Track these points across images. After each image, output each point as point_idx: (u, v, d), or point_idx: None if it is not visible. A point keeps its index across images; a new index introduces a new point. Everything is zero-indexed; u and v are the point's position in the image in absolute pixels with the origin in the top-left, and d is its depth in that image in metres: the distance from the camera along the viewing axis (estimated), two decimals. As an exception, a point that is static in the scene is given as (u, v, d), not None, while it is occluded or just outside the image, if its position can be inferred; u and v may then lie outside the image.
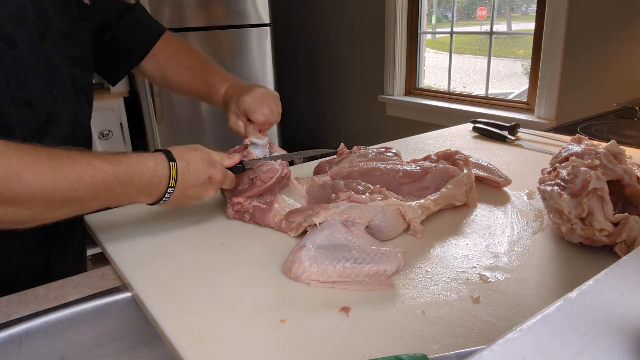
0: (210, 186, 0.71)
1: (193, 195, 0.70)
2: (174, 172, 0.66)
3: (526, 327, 0.34)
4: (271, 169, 0.78)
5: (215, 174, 0.71)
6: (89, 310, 0.63)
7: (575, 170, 0.68)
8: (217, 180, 0.71)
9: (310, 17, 3.49)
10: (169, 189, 0.67)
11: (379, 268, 0.60)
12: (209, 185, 0.71)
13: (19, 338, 0.58)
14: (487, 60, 2.71)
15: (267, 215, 0.77)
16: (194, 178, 0.69)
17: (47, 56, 0.70)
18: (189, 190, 0.69)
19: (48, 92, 0.71)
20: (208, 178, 0.70)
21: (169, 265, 0.67)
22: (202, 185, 0.70)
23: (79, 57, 0.77)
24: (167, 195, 0.67)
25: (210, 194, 0.73)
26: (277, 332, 0.52)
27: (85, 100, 0.81)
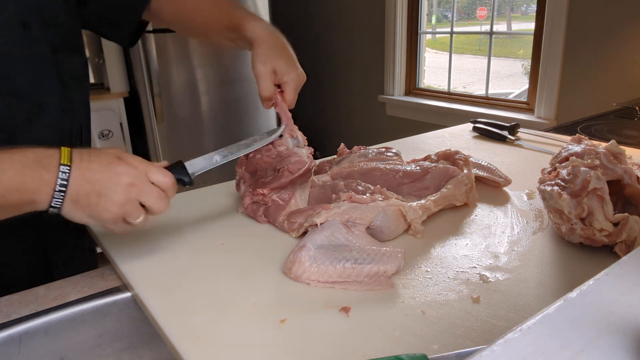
0: (123, 167, 0.56)
1: (100, 180, 0.55)
2: (67, 152, 0.54)
3: (526, 327, 0.34)
4: (300, 160, 0.77)
5: (126, 156, 0.58)
6: (89, 310, 0.63)
7: (575, 170, 0.68)
8: (129, 161, 0.57)
9: (310, 17, 3.49)
10: (62, 168, 0.53)
11: (379, 268, 0.60)
12: (119, 165, 0.56)
13: (19, 338, 0.58)
14: (487, 60, 2.71)
15: (281, 212, 0.76)
16: (96, 158, 0.56)
17: (31, 45, 0.69)
18: (92, 172, 0.54)
19: (34, 81, 0.70)
20: (116, 158, 0.56)
21: (169, 265, 0.67)
22: (109, 165, 0.55)
23: (60, 42, 0.74)
24: (61, 176, 0.53)
25: (126, 179, 0.56)
26: (277, 332, 0.52)
27: (76, 84, 0.78)
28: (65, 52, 0.76)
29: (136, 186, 0.56)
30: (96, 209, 0.55)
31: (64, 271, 0.81)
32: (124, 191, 0.56)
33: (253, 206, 0.79)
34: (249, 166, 0.82)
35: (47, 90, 0.72)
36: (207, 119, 2.88)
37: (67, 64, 0.76)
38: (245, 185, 0.81)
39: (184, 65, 2.70)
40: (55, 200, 0.53)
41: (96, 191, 0.55)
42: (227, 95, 2.87)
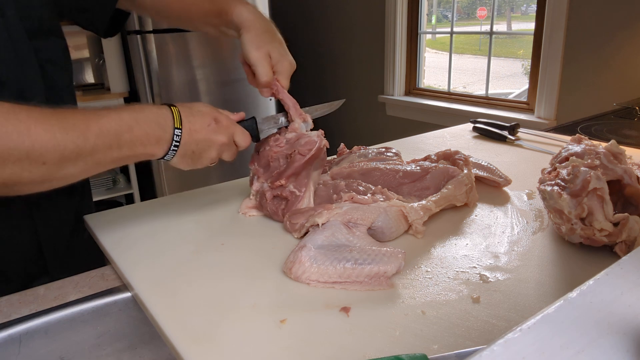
0: (219, 130, 0.69)
1: (203, 140, 0.68)
2: (177, 114, 0.66)
3: (526, 327, 0.34)
4: (309, 140, 0.75)
5: (220, 117, 0.70)
6: (89, 310, 0.63)
7: (575, 170, 0.68)
8: (223, 124, 0.70)
9: (310, 17, 3.49)
10: (176, 131, 0.65)
11: (379, 269, 0.60)
12: (217, 128, 0.69)
13: (19, 338, 0.58)
14: (487, 60, 2.71)
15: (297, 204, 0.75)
16: (199, 121, 0.67)
17: (10, 31, 0.69)
18: (197, 134, 0.67)
19: (16, 68, 0.69)
20: (214, 120, 0.69)
21: (169, 265, 0.67)
22: (209, 127, 0.68)
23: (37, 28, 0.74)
24: (175, 139, 0.65)
25: (221, 139, 0.70)
26: (277, 332, 0.52)
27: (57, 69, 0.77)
28: (42, 37, 0.75)
29: (225, 146, 0.71)
30: (197, 161, 0.70)
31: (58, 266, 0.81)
32: (217, 149, 0.70)
33: (275, 202, 0.77)
34: (261, 160, 0.81)
35: (28, 77, 0.71)
36: (207, 119, 2.87)
37: (46, 50, 0.75)
38: (260, 180, 0.79)
39: (184, 65, 2.70)
40: (169, 155, 0.67)
41: (199, 150, 0.69)
42: (227, 95, 2.87)
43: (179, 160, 0.68)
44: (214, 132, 0.69)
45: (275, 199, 0.77)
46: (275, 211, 0.78)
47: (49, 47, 0.77)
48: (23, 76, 0.71)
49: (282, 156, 0.77)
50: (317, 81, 3.59)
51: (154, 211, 0.85)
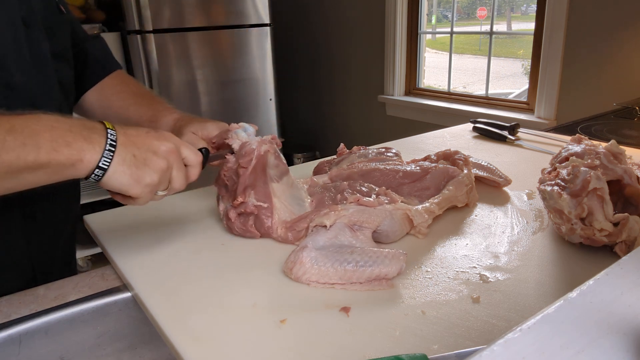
0: (160, 137, 0.59)
1: (143, 144, 0.57)
2: (107, 123, 0.57)
3: (526, 327, 0.34)
4: (248, 150, 0.71)
5: (161, 132, 0.61)
6: (89, 310, 0.63)
7: (575, 170, 0.68)
8: (165, 134, 0.60)
9: (310, 17, 3.49)
10: (110, 131, 0.55)
11: (380, 271, 0.60)
12: (157, 135, 0.59)
13: (19, 338, 0.58)
14: (487, 60, 2.71)
15: (269, 218, 0.71)
16: (135, 132, 0.58)
17: (32, 43, 0.69)
18: (134, 137, 0.57)
19: (31, 78, 0.69)
20: (152, 130, 0.60)
21: (169, 265, 0.67)
22: (147, 134, 0.59)
23: (60, 51, 0.75)
24: (110, 137, 0.55)
25: (165, 147, 0.59)
26: (277, 332, 0.52)
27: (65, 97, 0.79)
28: (61, 60, 0.76)
29: (173, 155, 0.59)
30: (143, 171, 0.57)
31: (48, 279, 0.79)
32: (164, 158, 0.58)
33: (241, 219, 0.73)
34: (219, 180, 0.77)
35: (46, 92, 0.72)
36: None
37: (62, 73, 0.77)
38: (224, 201, 0.76)
39: (184, 66, 2.70)
40: (104, 159, 0.54)
41: (142, 155, 0.57)
42: (227, 95, 2.87)
43: (117, 167, 0.55)
44: (154, 138, 0.59)
45: (240, 216, 0.73)
46: (244, 229, 0.73)
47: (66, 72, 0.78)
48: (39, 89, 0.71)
49: (234, 173, 0.73)
50: (317, 81, 3.59)
51: (154, 211, 0.85)
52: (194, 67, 2.73)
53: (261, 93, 2.96)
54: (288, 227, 0.71)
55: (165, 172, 0.59)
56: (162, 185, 0.60)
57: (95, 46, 0.93)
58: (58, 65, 0.75)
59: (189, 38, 2.67)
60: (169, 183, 0.61)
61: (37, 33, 0.70)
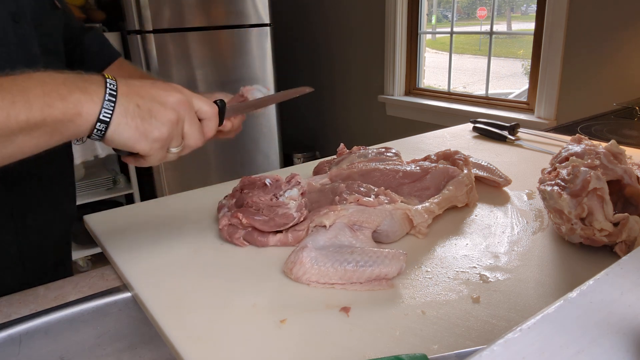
0: (168, 88, 0.54)
1: (148, 94, 0.52)
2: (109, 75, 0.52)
3: (526, 327, 0.34)
4: (287, 214, 0.69)
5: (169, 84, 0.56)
6: (89, 310, 0.63)
7: (575, 170, 0.68)
8: (173, 86, 0.55)
9: (310, 17, 3.49)
10: (109, 80, 0.50)
11: (380, 271, 0.60)
12: (164, 86, 0.54)
13: (19, 338, 0.58)
14: (487, 60, 2.71)
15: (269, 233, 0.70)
16: (139, 82, 0.53)
17: (20, 39, 0.68)
18: (138, 88, 0.52)
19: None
20: (160, 82, 0.56)
21: (169, 266, 0.67)
22: (153, 84, 0.53)
23: (51, 47, 0.74)
24: (109, 86, 0.50)
25: (174, 98, 0.53)
26: (277, 332, 0.52)
27: None
28: (52, 56, 0.75)
29: (183, 108, 0.54)
30: (149, 123, 0.51)
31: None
32: (173, 110, 0.53)
33: (230, 228, 0.72)
34: (239, 200, 0.76)
35: None
36: (207, 119, 2.87)
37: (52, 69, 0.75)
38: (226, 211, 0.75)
39: (184, 65, 2.70)
40: (105, 111, 0.49)
41: (147, 105, 0.51)
42: (227, 95, 2.87)
43: (120, 120, 0.50)
44: (161, 88, 0.53)
45: (231, 226, 0.72)
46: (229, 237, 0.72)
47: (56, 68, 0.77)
48: None
49: (257, 207, 0.72)
50: (316, 81, 3.59)
51: (154, 211, 0.85)
52: (194, 67, 2.73)
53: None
54: (288, 230, 0.71)
55: (176, 125, 0.53)
56: (174, 141, 0.55)
57: (92, 38, 0.92)
58: (48, 61, 0.74)
59: (189, 38, 2.67)
60: (182, 139, 0.56)
61: (26, 28, 0.69)
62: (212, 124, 0.59)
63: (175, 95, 0.53)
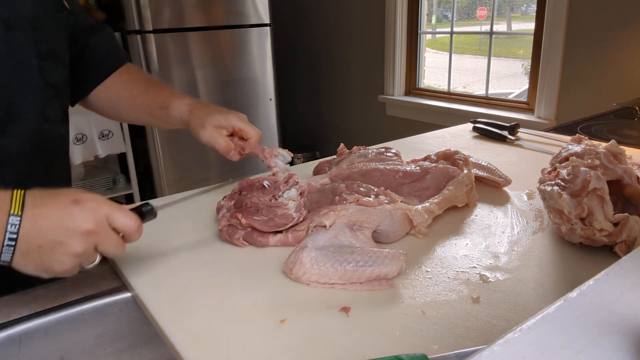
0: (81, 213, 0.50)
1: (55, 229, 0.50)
2: (19, 198, 0.49)
3: (526, 327, 0.34)
4: (287, 215, 0.69)
5: (89, 197, 0.52)
6: (89, 310, 0.63)
7: (575, 170, 0.68)
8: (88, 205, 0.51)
9: (310, 17, 3.49)
10: (12, 219, 0.48)
11: (380, 271, 0.60)
12: (76, 211, 0.50)
13: (19, 338, 0.58)
14: (487, 60, 2.71)
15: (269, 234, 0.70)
16: (51, 204, 0.50)
17: (12, 46, 0.66)
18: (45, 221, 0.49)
19: (10, 85, 0.66)
20: (73, 201, 0.51)
21: (169, 265, 0.67)
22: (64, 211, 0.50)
23: (49, 50, 0.73)
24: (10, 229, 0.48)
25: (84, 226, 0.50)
26: (277, 332, 0.52)
27: (56, 98, 0.76)
28: (50, 61, 0.74)
29: (95, 234, 0.51)
30: (49, 261, 0.51)
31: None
32: (80, 240, 0.51)
33: (229, 229, 0.72)
34: (238, 202, 0.76)
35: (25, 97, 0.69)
36: (207, 119, 2.87)
37: (51, 74, 0.74)
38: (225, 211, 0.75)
39: (184, 65, 2.70)
40: (5, 255, 0.49)
41: (49, 243, 0.50)
42: (227, 95, 2.87)
43: (20, 259, 0.50)
44: (70, 216, 0.50)
45: (230, 227, 0.72)
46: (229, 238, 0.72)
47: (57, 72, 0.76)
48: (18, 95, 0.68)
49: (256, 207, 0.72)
50: (317, 81, 3.59)
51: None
52: (194, 67, 2.73)
53: (261, 93, 2.96)
54: (288, 230, 0.71)
55: (83, 254, 0.52)
56: (86, 262, 0.54)
57: (100, 41, 0.91)
58: (47, 66, 0.73)
59: (189, 38, 2.67)
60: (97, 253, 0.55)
61: (19, 34, 0.68)
62: (133, 237, 0.56)
63: (85, 223, 0.51)
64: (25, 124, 0.69)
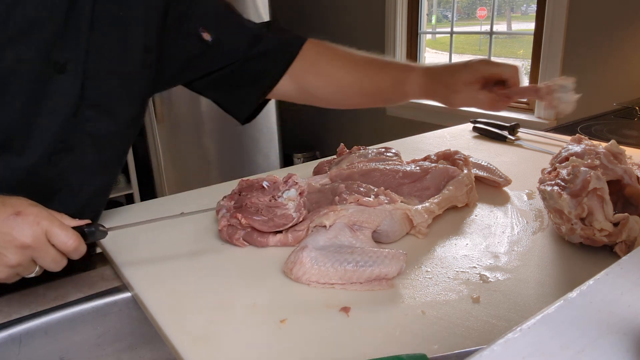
0: (21, 224, 0.50)
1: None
2: None
3: (526, 327, 0.34)
4: (286, 215, 0.69)
5: (33, 210, 0.51)
6: (89, 310, 0.63)
7: (575, 170, 0.68)
8: (29, 218, 0.51)
9: (310, 17, 3.49)
10: None
11: (380, 271, 0.60)
12: (16, 222, 0.50)
13: (19, 338, 0.58)
14: (487, 60, 2.71)
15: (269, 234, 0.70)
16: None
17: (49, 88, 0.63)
18: None
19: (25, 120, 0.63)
20: (14, 213, 0.51)
21: (169, 265, 0.67)
22: (5, 222, 0.50)
23: (97, 99, 0.68)
24: None
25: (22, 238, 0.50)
26: (277, 332, 0.52)
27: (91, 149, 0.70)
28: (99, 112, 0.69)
29: (32, 248, 0.51)
30: None
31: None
32: (16, 252, 0.50)
33: (229, 229, 0.72)
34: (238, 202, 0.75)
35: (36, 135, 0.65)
36: (207, 119, 2.88)
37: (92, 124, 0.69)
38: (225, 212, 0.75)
39: (184, 65, 2.69)
40: None
41: None
42: (227, 95, 2.87)
43: None
44: (9, 228, 0.50)
45: (230, 227, 0.72)
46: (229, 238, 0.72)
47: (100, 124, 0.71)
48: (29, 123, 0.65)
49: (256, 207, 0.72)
50: (317, 81, 3.59)
51: (154, 211, 0.85)
52: (194, 67, 2.73)
53: (261, 93, 2.96)
54: (288, 231, 0.71)
55: (19, 265, 0.52)
56: (24, 272, 0.54)
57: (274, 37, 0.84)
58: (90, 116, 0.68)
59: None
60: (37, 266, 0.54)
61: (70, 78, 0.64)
62: (72, 255, 0.55)
63: (22, 236, 0.50)
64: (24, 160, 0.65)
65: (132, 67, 0.71)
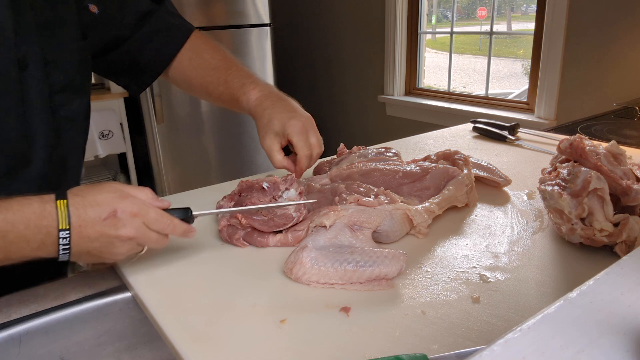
0: (120, 223, 0.55)
1: (98, 237, 0.55)
2: (64, 209, 0.53)
3: (526, 327, 0.34)
4: (286, 215, 0.70)
5: (126, 205, 0.56)
6: (89, 310, 0.63)
7: (576, 170, 0.68)
8: (126, 214, 0.56)
9: (310, 17, 3.49)
10: (62, 233, 0.53)
11: (380, 271, 0.60)
12: (115, 222, 0.55)
13: (19, 338, 0.58)
14: (487, 60, 2.71)
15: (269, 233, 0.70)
16: (92, 213, 0.54)
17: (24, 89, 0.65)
18: (88, 231, 0.54)
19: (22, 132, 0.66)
20: (113, 211, 0.55)
21: (169, 265, 0.67)
22: (105, 222, 0.55)
23: (64, 82, 0.71)
24: (62, 242, 0.54)
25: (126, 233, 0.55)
26: (277, 332, 0.52)
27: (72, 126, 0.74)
28: (68, 93, 0.73)
29: (135, 238, 0.57)
30: (101, 258, 0.59)
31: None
32: (123, 245, 0.57)
33: (229, 229, 0.72)
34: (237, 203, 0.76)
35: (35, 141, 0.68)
36: (207, 119, 2.88)
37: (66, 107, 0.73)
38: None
39: (184, 65, 2.70)
40: (62, 255, 0.55)
41: (96, 249, 0.56)
42: (227, 95, 2.87)
43: (77, 258, 0.58)
44: (112, 226, 0.55)
45: (230, 227, 0.72)
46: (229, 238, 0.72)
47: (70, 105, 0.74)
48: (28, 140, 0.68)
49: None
50: (316, 81, 3.59)
51: (154, 211, 0.84)
52: (194, 67, 2.73)
53: (261, 93, 2.96)
54: (288, 231, 0.71)
55: (126, 252, 0.59)
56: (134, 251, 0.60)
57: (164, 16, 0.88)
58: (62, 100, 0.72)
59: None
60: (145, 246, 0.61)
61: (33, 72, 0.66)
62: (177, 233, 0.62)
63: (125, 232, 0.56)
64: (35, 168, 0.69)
65: (78, 41, 0.75)
